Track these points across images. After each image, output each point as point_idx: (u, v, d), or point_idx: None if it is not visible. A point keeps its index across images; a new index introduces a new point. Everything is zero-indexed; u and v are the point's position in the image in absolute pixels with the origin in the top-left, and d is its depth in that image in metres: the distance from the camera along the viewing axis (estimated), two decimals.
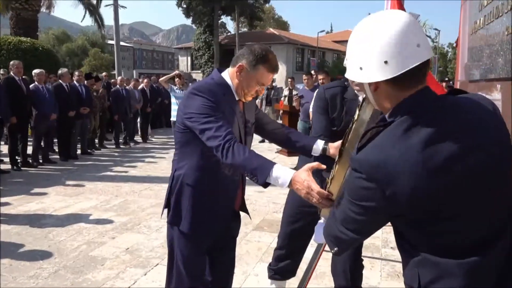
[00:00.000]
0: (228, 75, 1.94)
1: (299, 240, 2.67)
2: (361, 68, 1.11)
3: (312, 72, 9.88)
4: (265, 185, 1.59)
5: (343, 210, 1.15)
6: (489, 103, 1.13)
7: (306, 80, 7.24)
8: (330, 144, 2.02)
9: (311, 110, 6.57)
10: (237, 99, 1.95)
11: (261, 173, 1.58)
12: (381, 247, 3.83)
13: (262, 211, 4.92)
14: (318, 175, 1.58)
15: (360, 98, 2.20)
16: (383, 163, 1.02)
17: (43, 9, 17.54)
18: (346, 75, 1.19)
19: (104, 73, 11.97)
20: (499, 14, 2.86)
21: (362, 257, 2.52)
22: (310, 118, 6.47)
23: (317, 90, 2.57)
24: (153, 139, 11.29)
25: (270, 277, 2.80)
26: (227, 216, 2.09)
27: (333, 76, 7.35)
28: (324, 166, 1.56)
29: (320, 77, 6.69)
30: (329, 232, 1.24)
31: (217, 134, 1.69)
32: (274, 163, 1.60)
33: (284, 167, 1.57)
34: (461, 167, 1.00)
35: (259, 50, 1.86)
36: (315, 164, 1.54)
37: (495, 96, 2.77)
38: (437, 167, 1.00)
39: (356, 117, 1.50)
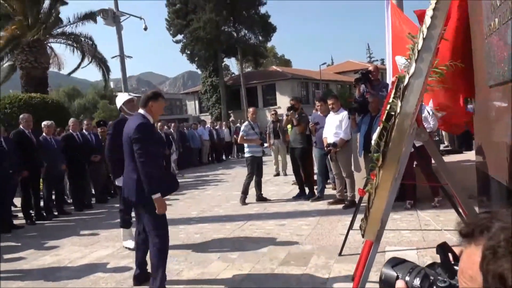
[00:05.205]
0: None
1: None
2: None
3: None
4: None
5: None
6: None
7: (319, 107, 7.12)
8: None
9: (324, 136, 6.48)
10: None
11: None
12: None
13: (286, 245, 4.64)
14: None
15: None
16: None
17: (52, 68, 18.03)
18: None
19: None
20: None
21: None
22: (325, 144, 6.34)
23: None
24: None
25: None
26: None
27: (341, 101, 7.19)
28: None
29: (329, 102, 6.59)
30: None
31: None
32: None
33: None
34: None
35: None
36: None
37: None
38: None
39: (398, 109, 1.27)
